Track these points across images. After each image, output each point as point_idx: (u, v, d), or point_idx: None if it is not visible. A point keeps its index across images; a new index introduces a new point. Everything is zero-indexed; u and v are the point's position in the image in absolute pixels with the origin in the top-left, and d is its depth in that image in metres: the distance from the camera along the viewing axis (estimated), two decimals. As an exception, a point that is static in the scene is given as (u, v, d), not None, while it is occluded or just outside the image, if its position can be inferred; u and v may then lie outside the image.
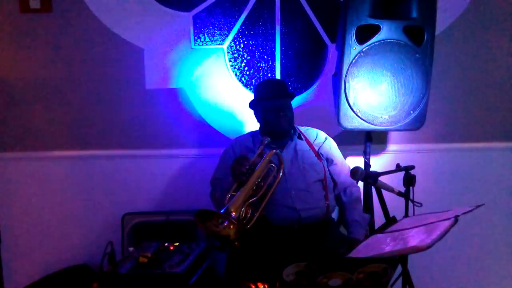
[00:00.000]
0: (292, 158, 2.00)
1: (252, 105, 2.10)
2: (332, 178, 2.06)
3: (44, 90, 2.45)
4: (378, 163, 2.45)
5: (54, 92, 2.45)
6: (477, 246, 2.54)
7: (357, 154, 2.36)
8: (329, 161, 2.07)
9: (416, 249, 1.24)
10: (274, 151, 1.88)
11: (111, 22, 2.39)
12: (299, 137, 2.08)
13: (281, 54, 2.49)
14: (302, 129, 2.14)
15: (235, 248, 1.62)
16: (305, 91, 2.52)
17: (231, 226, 1.59)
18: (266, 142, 1.91)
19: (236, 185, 1.79)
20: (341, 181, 2.05)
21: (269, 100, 2.00)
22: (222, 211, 1.61)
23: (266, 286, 1.47)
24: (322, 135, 2.14)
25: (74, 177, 2.50)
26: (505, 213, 2.53)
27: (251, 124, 2.40)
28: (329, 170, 2.05)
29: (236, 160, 1.83)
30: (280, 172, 1.87)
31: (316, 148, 2.07)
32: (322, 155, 2.06)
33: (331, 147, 2.11)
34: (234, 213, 1.61)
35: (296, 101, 2.48)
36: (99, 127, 2.48)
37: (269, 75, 2.51)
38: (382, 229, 1.64)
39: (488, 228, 2.52)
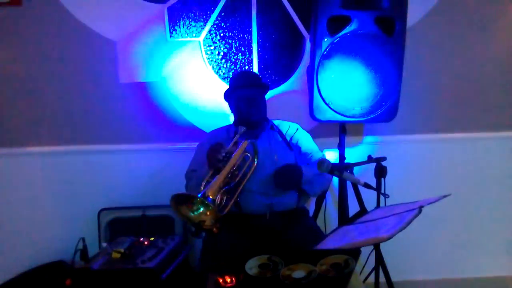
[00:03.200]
0: (265, 148, 2.01)
1: (226, 95, 2.14)
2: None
3: (14, 85, 2.40)
4: (354, 155, 2.46)
5: (25, 88, 2.41)
6: (450, 234, 2.59)
7: (334, 147, 2.36)
8: (299, 149, 2.09)
9: (378, 240, 1.24)
10: (249, 140, 1.90)
11: (82, 14, 2.35)
12: (272, 128, 2.11)
13: (258, 46, 2.48)
14: (276, 122, 2.17)
15: (212, 234, 1.62)
16: (282, 83, 2.52)
17: (207, 213, 1.60)
18: (241, 131, 1.93)
19: (212, 172, 1.79)
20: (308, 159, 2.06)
21: (241, 89, 2.05)
22: (199, 195, 1.61)
23: (233, 279, 1.47)
24: (294, 126, 2.17)
25: (48, 173, 2.46)
26: (475, 202, 2.57)
27: (228, 118, 2.40)
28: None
29: (212, 147, 1.85)
30: (255, 161, 1.88)
31: (288, 139, 2.09)
32: (293, 145, 2.08)
33: (302, 137, 2.12)
34: (211, 197, 1.61)
35: (273, 93, 2.48)
36: (72, 122, 2.44)
37: (246, 67, 2.50)
38: (352, 220, 1.66)
39: (457, 218, 2.57)
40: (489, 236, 2.61)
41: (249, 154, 1.88)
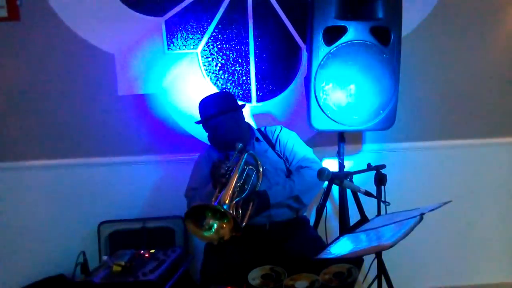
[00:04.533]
0: (252, 162, 2.00)
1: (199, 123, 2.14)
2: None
3: (15, 98, 2.42)
4: (353, 163, 2.47)
5: (25, 101, 2.42)
6: (452, 241, 2.59)
7: (333, 155, 2.37)
8: (286, 151, 2.09)
9: (380, 248, 1.25)
10: (247, 152, 1.92)
11: (80, 28, 2.37)
12: (257, 140, 2.11)
13: (255, 57, 2.50)
14: (263, 128, 2.18)
15: (236, 238, 1.65)
16: (280, 93, 2.53)
17: (223, 225, 1.63)
18: (238, 148, 1.93)
19: (218, 189, 1.79)
20: (293, 164, 2.06)
21: (211, 120, 2.04)
22: (215, 203, 1.63)
23: (236, 290, 1.47)
24: (278, 129, 2.16)
25: (48, 187, 2.46)
26: (477, 208, 2.57)
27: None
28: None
29: (214, 164, 1.88)
30: (260, 170, 1.91)
31: (276, 146, 2.10)
32: (280, 151, 2.09)
33: (288, 140, 2.11)
34: (226, 203, 1.63)
35: (271, 104, 2.50)
36: (72, 135, 2.45)
37: (244, 78, 2.51)
38: (353, 228, 1.66)
39: (458, 225, 2.57)
40: (492, 242, 2.61)
41: (252, 167, 1.91)
